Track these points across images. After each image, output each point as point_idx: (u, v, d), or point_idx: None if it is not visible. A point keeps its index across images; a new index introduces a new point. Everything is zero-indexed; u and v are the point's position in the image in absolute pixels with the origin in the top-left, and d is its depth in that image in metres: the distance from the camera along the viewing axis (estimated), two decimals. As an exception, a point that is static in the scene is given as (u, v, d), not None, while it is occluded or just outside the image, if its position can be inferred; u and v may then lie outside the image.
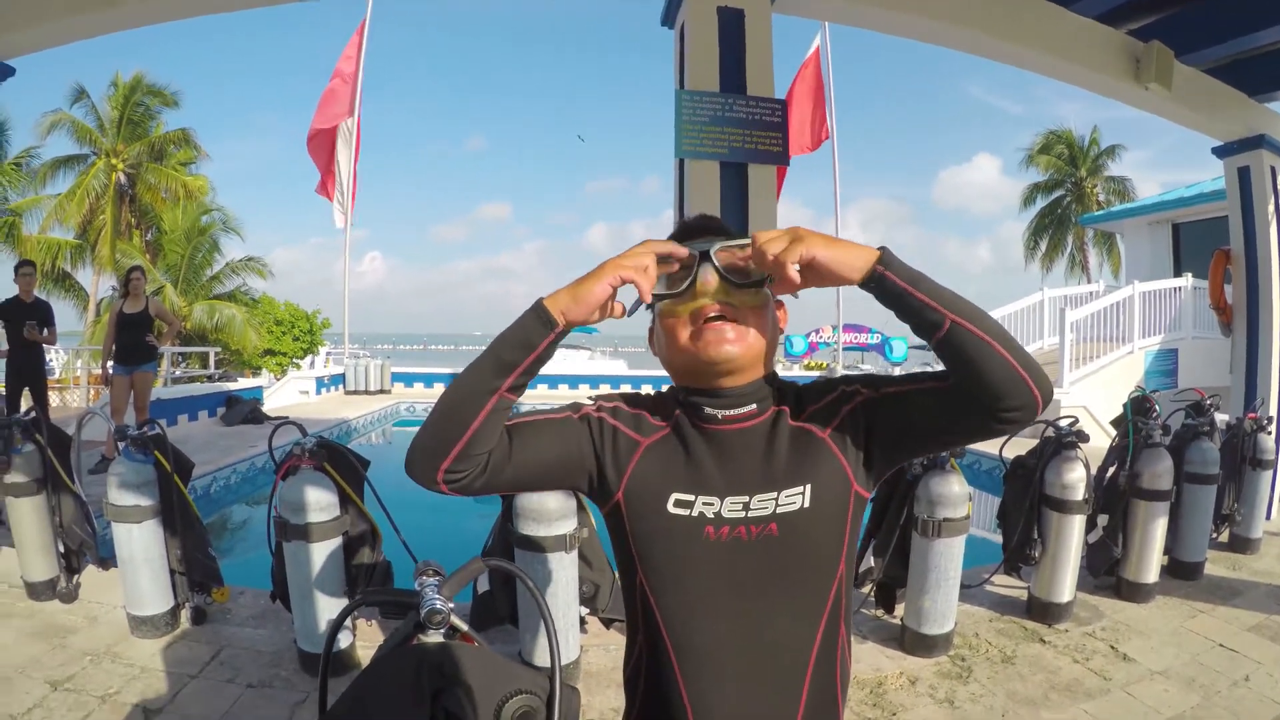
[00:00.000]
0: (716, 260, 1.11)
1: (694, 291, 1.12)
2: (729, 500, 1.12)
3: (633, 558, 1.17)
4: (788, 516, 1.11)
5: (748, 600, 1.12)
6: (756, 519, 1.11)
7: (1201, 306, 11.48)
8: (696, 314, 1.12)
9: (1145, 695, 3.34)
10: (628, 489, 1.16)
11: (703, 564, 1.12)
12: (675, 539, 1.13)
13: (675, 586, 1.13)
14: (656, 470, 1.16)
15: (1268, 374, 6.53)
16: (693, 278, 1.11)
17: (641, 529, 1.15)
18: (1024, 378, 1.02)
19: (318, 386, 15.70)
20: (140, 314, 7.37)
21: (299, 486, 3.29)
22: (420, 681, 1.09)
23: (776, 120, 3.67)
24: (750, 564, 1.11)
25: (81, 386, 13.90)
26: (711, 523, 1.11)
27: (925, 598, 3.70)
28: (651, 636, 1.16)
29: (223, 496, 7.85)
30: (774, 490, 1.11)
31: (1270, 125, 6.35)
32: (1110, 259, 27.81)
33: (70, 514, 4.13)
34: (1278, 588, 4.75)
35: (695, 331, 1.12)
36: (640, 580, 1.16)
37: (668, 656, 1.14)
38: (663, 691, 1.15)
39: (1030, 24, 4.72)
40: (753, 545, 1.11)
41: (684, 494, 1.13)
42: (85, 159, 21.45)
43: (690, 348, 1.13)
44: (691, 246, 1.13)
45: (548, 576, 3.23)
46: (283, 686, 3.23)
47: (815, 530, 1.12)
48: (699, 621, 1.12)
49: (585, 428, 1.19)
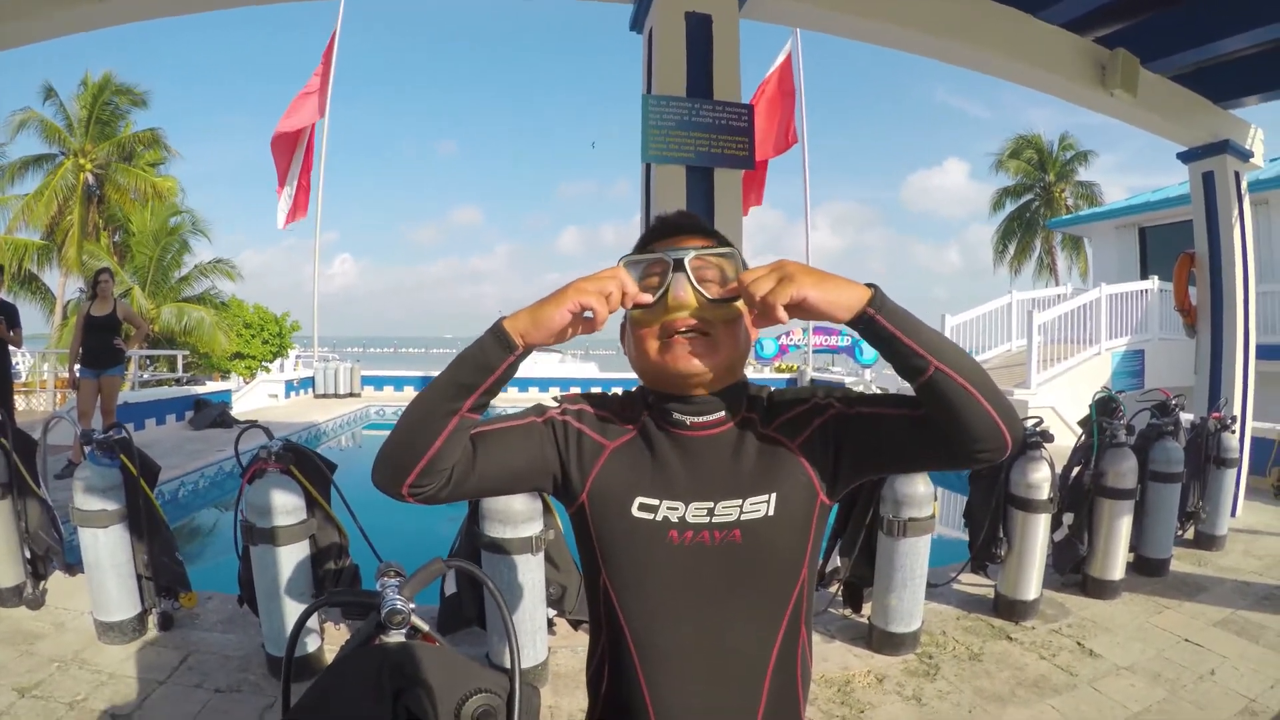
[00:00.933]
0: (690, 271, 1.09)
1: (665, 303, 1.09)
2: (693, 505, 1.12)
3: (597, 559, 1.17)
4: (751, 524, 1.12)
5: (709, 604, 1.12)
6: (720, 525, 1.12)
7: (1167, 309, 11.65)
8: (667, 325, 1.10)
9: (1112, 690, 3.39)
10: (592, 492, 1.16)
11: (666, 567, 1.12)
12: (639, 542, 1.13)
13: (638, 588, 1.14)
14: (621, 474, 1.16)
15: (1231, 374, 6.66)
16: (664, 289, 1.09)
17: (606, 531, 1.15)
18: (999, 425, 1.02)
19: (287, 390, 15.57)
20: (108, 317, 7.28)
21: (265, 490, 3.27)
22: (381, 681, 1.09)
23: (743, 125, 3.69)
24: (713, 569, 1.12)
25: (48, 390, 13.67)
26: (675, 527, 1.12)
27: (892, 596, 3.73)
28: (614, 636, 1.16)
29: (190, 501, 7.77)
30: (739, 497, 1.12)
31: (1234, 131, 6.47)
32: (1078, 262, 28.16)
33: (36, 519, 4.07)
34: (1243, 583, 4.84)
35: (665, 344, 1.11)
36: (604, 581, 1.16)
37: (630, 657, 1.14)
38: (625, 691, 1.15)
39: (997, 31, 4.78)
40: (715, 551, 1.12)
41: (648, 498, 1.13)
42: (53, 159, 21.12)
43: (659, 360, 1.12)
44: (666, 253, 1.11)
45: (514, 579, 3.23)
46: (251, 691, 3.20)
47: (779, 538, 1.13)
48: (660, 623, 1.13)
49: (549, 431, 1.18)
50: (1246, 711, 3.22)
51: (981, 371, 1.03)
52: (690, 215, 1.25)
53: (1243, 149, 6.55)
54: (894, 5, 4.37)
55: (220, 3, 4.20)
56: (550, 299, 1.03)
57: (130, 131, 21.99)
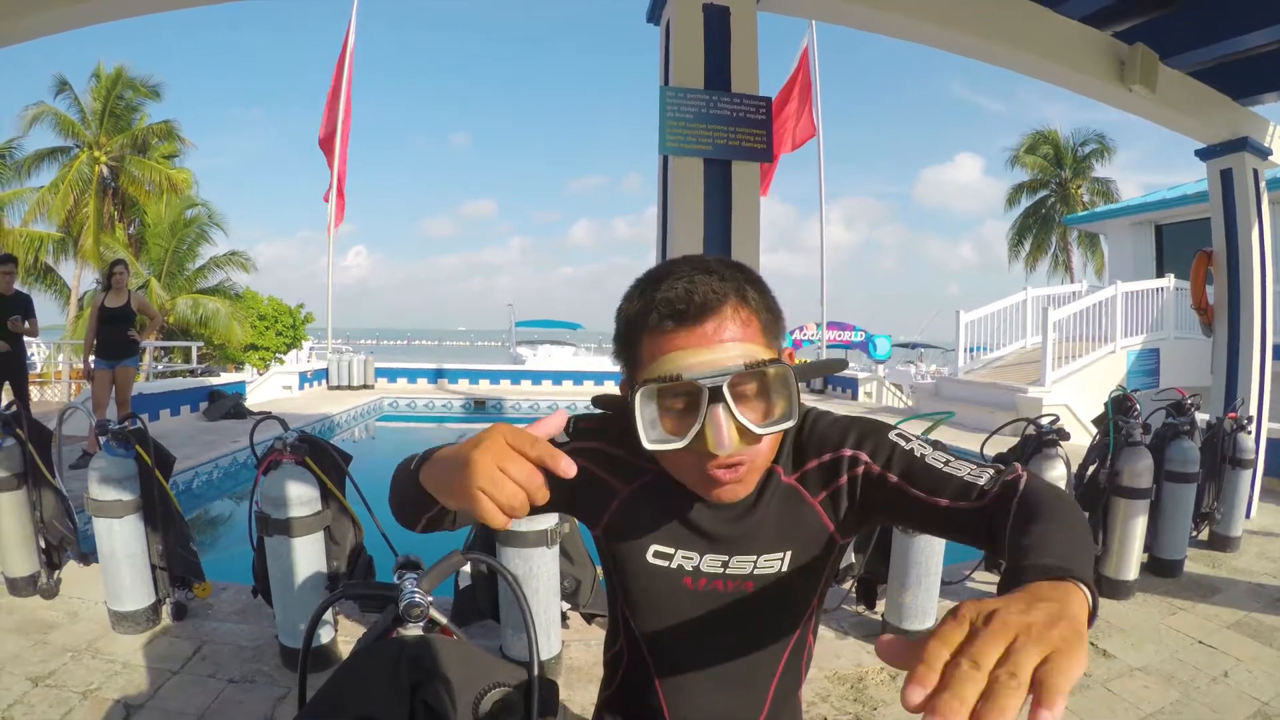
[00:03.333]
0: (733, 406, 0.90)
1: (704, 443, 0.91)
2: (708, 557, 1.10)
3: (614, 584, 1.19)
4: (764, 578, 1.10)
5: (722, 632, 1.13)
6: (734, 577, 1.11)
7: (1183, 307, 11.56)
8: (704, 461, 0.96)
9: (1125, 691, 3.37)
10: (606, 530, 1.15)
11: (681, 605, 1.13)
12: (655, 583, 1.13)
13: (652, 616, 1.15)
14: (635, 520, 1.12)
15: (1248, 374, 6.59)
16: (700, 424, 0.91)
17: (621, 569, 1.15)
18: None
19: (300, 381, 15.62)
20: (123, 308, 7.31)
21: (280, 481, 3.28)
22: (399, 674, 1.09)
23: (761, 118, 3.68)
24: (725, 608, 1.12)
25: (63, 381, 13.77)
26: (689, 575, 1.12)
27: (906, 594, 3.72)
28: (631, 642, 1.20)
29: (204, 491, 7.81)
30: (753, 554, 1.09)
31: (1253, 128, 6.40)
32: (1094, 259, 28.03)
33: (51, 509, 4.10)
34: (1257, 585, 4.80)
35: (703, 477, 0.98)
36: (620, 603, 1.19)
37: (644, 659, 1.17)
38: (640, 681, 1.19)
39: (1016, 25, 4.74)
40: (727, 596, 1.12)
41: (663, 547, 1.12)
42: (68, 151, 21.27)
43: (697, 486, 1.01)
44: (694, 377, 0.90)
45: (529, 572, 3.23)
46: (264, 681, 3.21)
47: (791, 587, 1.12)
48: (674, 644, 1.15)
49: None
50: (1260, 715, 3.20)
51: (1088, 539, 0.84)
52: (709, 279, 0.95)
53: (1262, 146, 6.47)
54: (911, -2, 4.34)
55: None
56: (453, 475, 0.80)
57: (144, 124, 22.12)
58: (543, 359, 21.95)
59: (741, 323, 0.94)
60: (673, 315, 0.93)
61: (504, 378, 17.85)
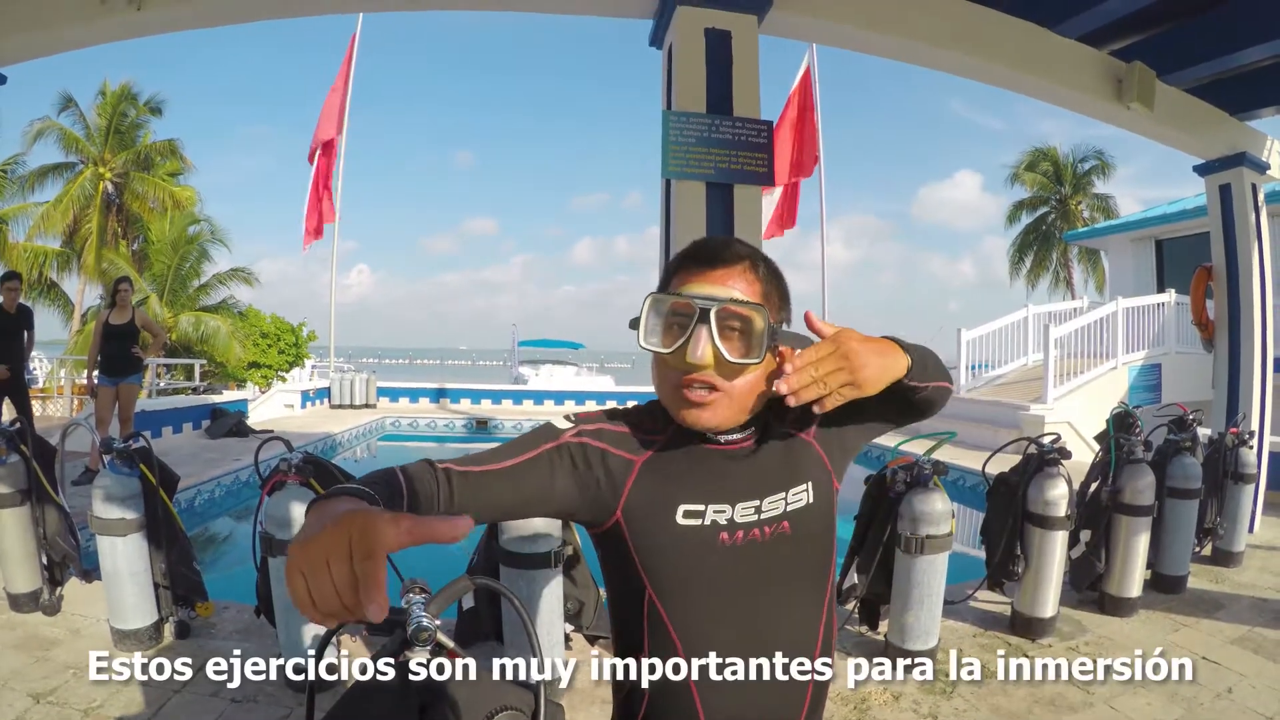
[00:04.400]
0: (714, 325, 1.05)
1: (683, 355, 1.06)
2: (740, 505, 1.13)
3: (638, 574, 1.14)
4: (798, 512, 1.15)
5: (761, 598, 1.14)
6: (769, 519, 1.14)
7: (1184, 322, 11.57)
8: (681, 377, 1.08)
9: (1128, 708, 3.36)
10: (627, 508, 1.14)
11: (715, 571, 1.13)
12: (686, 550, 1.12)
13: (685, 597, 1.13)
14: (659, 485, 1.14)
15: (1249, 389, 6.61)
16: (686, 339, 1.06)
17: (647, 544, 1.13)
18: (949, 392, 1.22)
19: (303, 400, 15.63)
20: (127, 325, 7.34)
21: (284, 502, 3.29)
22: (407, 698, 1.10)
23: (762, 141, 3.71)
24: (764, 565, 1.14)
25: (65, 396, 13.78)
26: (725, 529, 1.13)
27: (909, 614, 3.71)
28: (664, 651, 1.14)
29: (207, 510, 7.80)
30: (782, 490, 1.15)
31: (1251, 143, 6.45)
32: (1095, 275, 28.01)
33: (54, 526, 4.11)
34: (1260, 600, 4.79)
35: (678, 392, 1.10)
36: (649, 596, 1.14)
37: (679, 668, 1.13)
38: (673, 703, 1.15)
39: (1014, 45, 4.78)
40: (767, 545, 1.14)
41: (693, 504, 1.12)
42: (72, 167, 21.34)
43: (671, 402, 1.12)
44: (693, 299, 1.07)
45: (533, 593, 3.23)
46: (267, 702, 3.21)
47: (818, 523, 1.18)
48: (715, 629, 1.13)
49: (564, 459, 1.14)
50: (1265, 731, 3.20)
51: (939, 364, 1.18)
52: (734, 243, 1.16)
53: (1260, 161, 6.51)
54: (911, 21, 4.39)
55: (245, 16, 4.25)
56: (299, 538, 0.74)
57: (149, 141, 22.20)
58: (545, 379, 21.93)
59: (748, 282, 1.12)
60: (696, 258, 1.14)
61: (505, 397, 17.84)
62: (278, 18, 4.22)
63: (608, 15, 4.31)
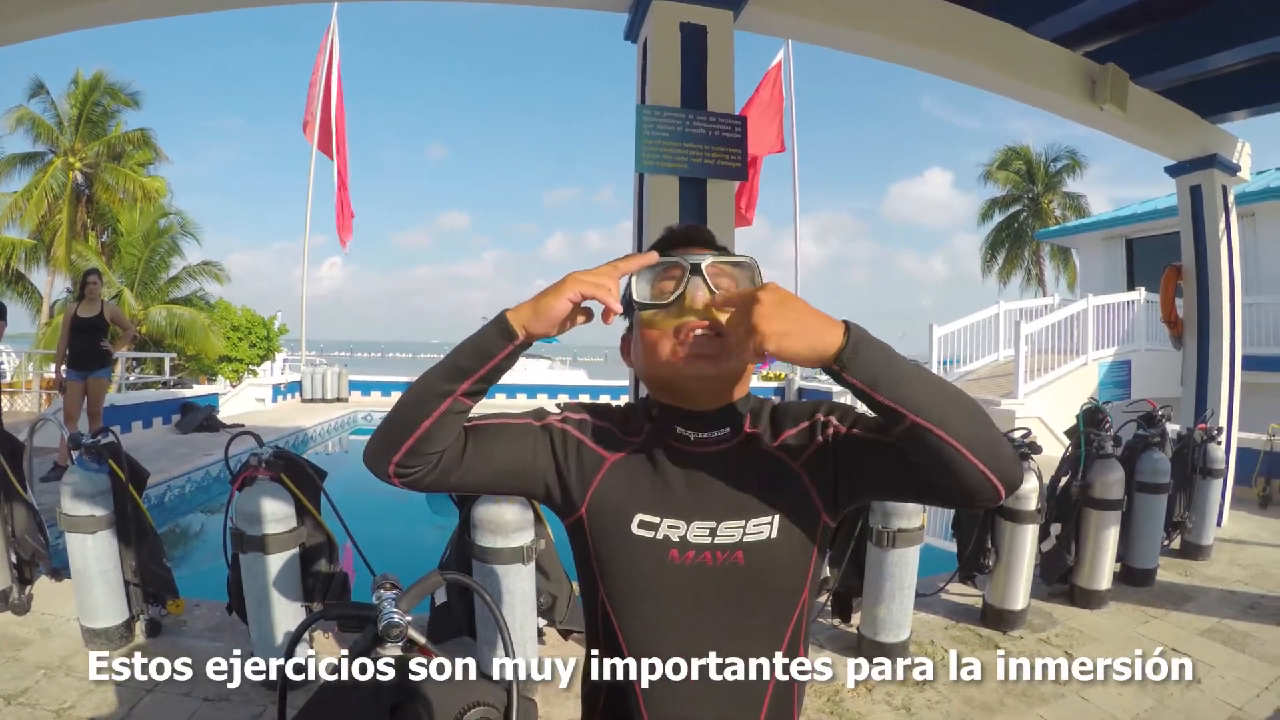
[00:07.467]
0: (708, 276, 1.10)
1: (681, 305, 1.10)
2: (695, 524, 1.11)
3: (595, 575, 1.15)
4: (754, 545, 1.10)
5: (710, 624, 1.11)
6: (723, 546, 1.10)
7: (1154, 320, 11.71)
8: (681, 328, 1.10)
9: (1099, 699, 3.41)
10: (591, 506, 1.14)
11: (666, 586, 1.11)
12: (638, 560, 1.11)
13: (636, 607, 1.12)
14: (621, 489, 1.14)
15: (1217, 386, 6.71)
16: (681, 290, 1.10)
17: (604, 548, 1.13)
18: (989, 480, 0.97)
19: (274, 394, 15.49)
20: (96, 318, 7.22)
21: (255, 498, 3.25)
22: (379, 695, 1.09)
23: (736, 136, 3.71)
24: (714, 590, 1.10)
25: (33, 391, 13.56)
26: (676, 546, 1.10)
27: (881, 606, 3.75)
28: (612, 652, 1.14)
29: (177, 506, 7.72)
30: (741, 518, 1.11)
31: (1222, 145, 6.54)
32: (1066, 273, 28.29)
33: (23, 523, 4.04)
34: (1229, 592, 4.88)
35: (678, 351, 1.10)
36: (602, 598, 1.15)
37: (627, 674, 1.12)
38: (623, 707, 1.14)
39: (989, 45, 4.82)
40: (717, 572, 1.10)
41: (649, 515, 1.11)
42: (42, 157, 20.97)
43: (671, 360, 1.11)
44: (683, 259, 1.11)
45: (505, 588, 3.22)
46: (239, 700, 3.18)
47: (780, 559, 1.12)
48: (660, 642, 1.11)
49: (547, 438, 1.17)
50: (1233, 720, 3.25)
51: (971, 418, 0.97)
52: (702, 229, 1.23)
53: (1230, 163, 6.61)
54: (886, 19, 4.41)
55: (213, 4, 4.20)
56: (550, 290, 1.03)
57: (120, 131, 21.86)
58: (517, 372, 21.85)
59: (714, 249, 1.18)
60: (670, 237, 1.20)
61: (478, 392, 17.72)
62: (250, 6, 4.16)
63: (583, 8, 4.29)
